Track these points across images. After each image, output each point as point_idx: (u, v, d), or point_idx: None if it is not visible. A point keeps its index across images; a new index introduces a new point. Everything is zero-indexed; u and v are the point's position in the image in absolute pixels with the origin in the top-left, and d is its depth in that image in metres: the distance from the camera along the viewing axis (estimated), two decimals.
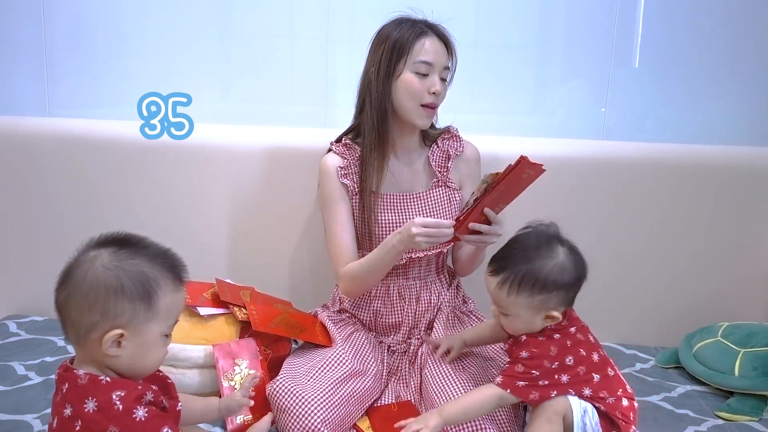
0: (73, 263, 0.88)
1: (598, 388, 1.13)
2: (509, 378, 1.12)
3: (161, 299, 0.88)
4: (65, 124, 1.74)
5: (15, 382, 1.40)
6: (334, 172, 1.43)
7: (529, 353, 1.12)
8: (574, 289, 1.13)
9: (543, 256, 1.10)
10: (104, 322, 0.85)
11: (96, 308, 0.85)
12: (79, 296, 0.85)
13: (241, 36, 1.81)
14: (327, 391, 1.20)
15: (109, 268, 0.86)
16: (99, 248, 0.88)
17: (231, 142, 1.70)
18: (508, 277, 1.10)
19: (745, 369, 1.42)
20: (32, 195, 1.73)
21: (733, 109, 1.79)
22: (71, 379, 0.86)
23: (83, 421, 0.83)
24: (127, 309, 0.85)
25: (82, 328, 0.85)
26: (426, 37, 1.36)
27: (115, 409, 0.83)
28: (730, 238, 1.70)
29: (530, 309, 1.11)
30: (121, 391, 0.84)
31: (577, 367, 1.12)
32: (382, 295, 1.45)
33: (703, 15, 1.75)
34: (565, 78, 1.85)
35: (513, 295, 1.10)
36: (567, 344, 1.13)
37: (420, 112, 1.37)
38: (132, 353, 0.87)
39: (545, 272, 1.09)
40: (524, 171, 1.19)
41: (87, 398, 0.83)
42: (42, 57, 1.79)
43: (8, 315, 1.75)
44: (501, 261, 1.13)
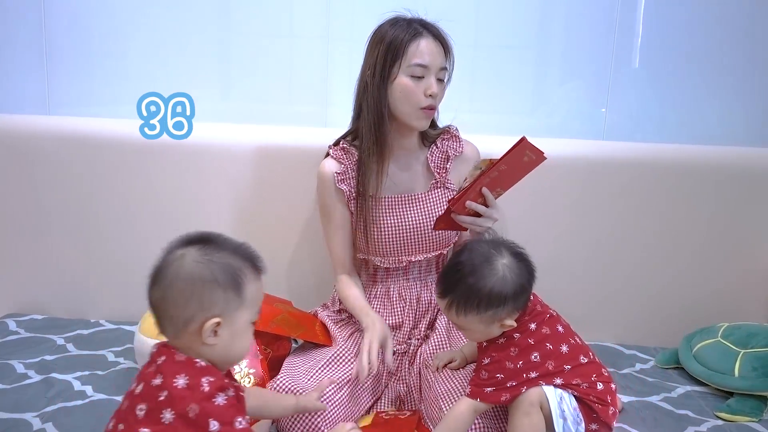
0: (162, 264, 0.93)
1: (570, 377, 1.13)
2: (476, 387, 1.14)
3: (247, 287, 0.93)
4: (65, 123, 1.74)
5: (14, 381, 1.40)
6: (331, 178, 1.42)
7: (489, 358, 1.14)
8: (522, 296, 1.13)
9: (483, 275, 1.11)
10: (201, 313, 0.90)
11: (193, 300, 0.89)
12: (175, 291, 0.90)
13: (241, 35, 1.81)
14: (328, 393, 1.20)
15: (200, 262, 0.91)
16: (183, 247, 0.93)
17: (231, 142, 1.70)
18: (453, 300, 1.13)
19: (745, 369, 1.42)
20: (32, 193, 1.73)
21: (733, 110, 1.80)
22: (169, 354, 0.91)
23: (170, 392, 0.87)
24: (221, 298, 0.90)
25: (180, 321, 0.90)
26: (420, 39, 1.33)
27: (201, 390, 0.87)
28: (730, 238, 1.70)
29: (482, 323, 1.13)
30: (211, 377, 0.89)
31: (545, 362, 1.13)
32: (382, 296, 1.45)
33: (702, 16, 1.75)
34: (565, 78, 1.85)
35: (462, 315, 1.13)
36: (529, 342, 1.14)
37: (418, 115, 1.35)
38: (226, 341, 0.92)
39: (488, 289, 1.10)
40: (525, 153, 1.18)
41: (180, 374, 0.88)
42: (42, 55, 1.79)
43: (8, 313, 1.75)
44: (444, 283, 1.15)
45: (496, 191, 1.26)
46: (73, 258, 1.75)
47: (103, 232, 1.73)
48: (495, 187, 1.25)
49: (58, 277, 1.76)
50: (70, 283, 1.76)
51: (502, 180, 1.24)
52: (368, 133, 1.37)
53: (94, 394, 1.36)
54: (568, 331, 1.18)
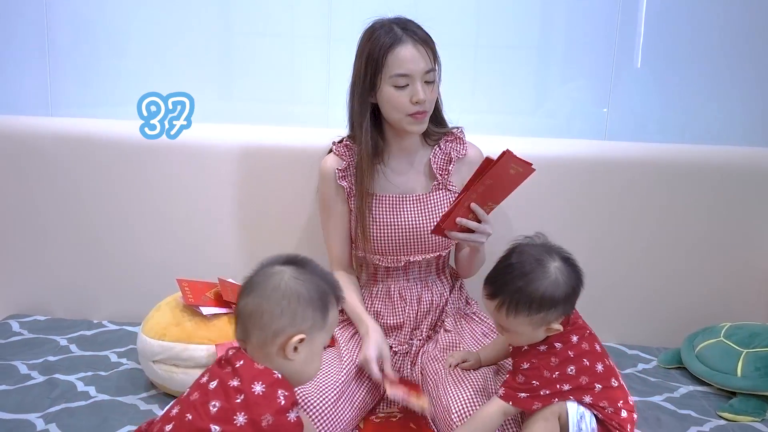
0: (260, 276, 0.98)
1: (599, 398, 1.13)
2: (510, 390, 1.12)
3: (331, 312, 1.00)
4: (68, 124, 1.74)
5: (17, 381, 1.40)
6: (332, 174, 1.43)
7: (529, 364, 1.13)
8: (571, 301, 1.13)
9: (536, 276, 1.10)
10: (291, 327, 0.95)
11: (287, 313, 0.95)
12: (273, 302, 0.95)
13: (242, 36, 1.81)
14: (332, 397, 1.20)
15: (299, 279, 0.97)
16: (282, 265, 0.99)
17: (233, 142, 1.70)
18: (504, 302, 1.11)
19: (747, 369, 1.42)
20: (34, 194, 1.73)
21: (735, 110, 1.79)
22: (248, 360, 0.94)
23: (247, 397, 0.90)
24: (310, 317, 0.96)
25: (270, 331, 0.94)
26: (399, 46, 1.29)
27: (278, 402, 0.91)
28: (733, 238, 1.70)
29: (530, 326, 1.12)
30: (286, 390, 0.93)
31: (580, 377, 1.12)
32: (383, 295, 1.45)
33: (704, 16, 1.75)
34: (567, 78, 1.85)
35: (512, 317, 1.11)
36: (569, 354, 1.13)
37: (408, 121, 1.34)
38: (303, 360, 0.97)
39: (540, 292, 1.09)
40: (510, 166, 1.18)
41: (257, 381, 0.91)
42: (45, 56, 1.79)
43: (11, 314, 1.75)
44: (495, 284, 1.13)
45: (487, 205, 1.25)
46: (76, 259, 1.75)
47: (106, 232, 1.73)
48: (486, 202, 1.24)
49: (61, 278, 1.76)
50: (73, 284, 1.76)
51: (491, 194, 1.23)
52: (359, 139, 1.38)
53: (97, 395, 1.36)
54: (603, 352, 1.17)
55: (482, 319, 1.48)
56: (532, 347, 1.14)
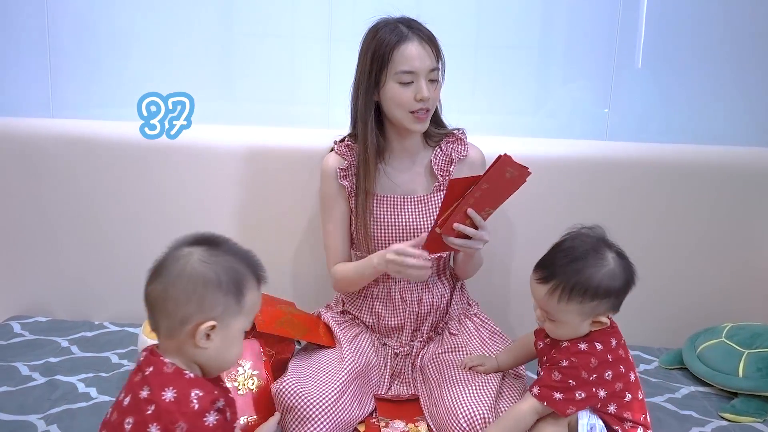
0: (167, 259, 0.91)
1: (624, 408, 1.10)
2: (546, 389, 1.08)
3: (247, 296, 0.93)
4: (68, 125, 1.74)
5: (19, 383, 1.40)
6: (334, 173, 1.43)
7: (568, 362, 1.09)
8: (623, 295, 1.10)
9: (593, 263, 1.08)
10: (199, 314, 0.89)
11: (193, 299, 0.88)
12: (178, 288, 0.89)
13: (242, 36, 1.81)
14: (332, 396, 1.20)
15: (207, 262, 0.90)
16: (191, 246, 0.92)
17: (234, 143, 1.70)
18: (558, 285, 1.07)
19: (749, 370, 1.42)
20: (35, 195, 1.73)
21: (736, 110, 1.79)
22: (157, 364, 0.89)
23: (157, 407, 0.85)
24: (221, 302, 0.90)
25: (177, 319, 0.89)
26: (406, 43, 1.30)
27: (191, 407, 0.86)
28: (734, 238, 1.70)
29: (580, 316, 1.09)
30: (200, 390, 0.88)
31: (615, 383, 1.09)
32: (384, 297, 1.45)
33: (705, 16, 1.75)
34: (568, 78, 1.85)
35: (564, 302, 1.08)
36: (608, 358, 1.10)
37: (410, 119, 1.35)
38: (218, 346, 0.91)
39: (597, 280, 1.07)
40: (506, 170, 1.17)
41: (167, 387, 0.87)
42: (45, 58, 1.79)
43: (12, 316, 1.75)
44: (549, 268, 1.10)
45: (485, 211, 1.24)
46: (77, 260, 1.75)
47: (107, 233, 1.74)
48: (483, 207, 1.23)
49: (62, 279, 1.76)
50: (74, 285, 1.76)
51: (488, 199, 1.22)
52: (362, 138, 1.38)
53: (98, 396, 1.36)
54: (633, 363, 1.15)
55: (484, 321, 1.48)
56: (573, 344, 1.10)
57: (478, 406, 1.17)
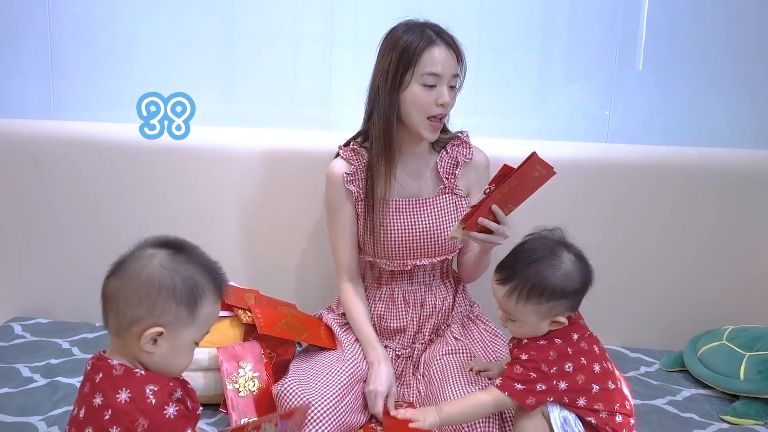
0: (129, 257, 0.91)
1: (594, 400, 1.13)
2: (507, 380, 1.13)
3: (203, 308, 0.92)
4: (70, 127, 1.74)
5: (20, 384, 1.40)
6: (340, 178, 1.42)
7: (528, 356, 1.13)
8: (580, 295, 1.14)
9: (550, 264, 1.11)
10: (148, 318, 0.88)
11: (145, 303, 0.88)
12: (131, 288, 0.88)
13: (244, 38, 1.82)
14: (334, 398, 1.20)
15: (166, 268, 0.89)
16: (156, 248, 0.92)
17: (235, 145, 1.71)
18: (516, 287, 1.12)
19: (750, 372, 1.41)
20: (37, 197, 1.74)
21: (738, 112, 1.79)
22: (106, 368, 0.89)
23: (114, 410, 0.85)
24: (172, 310, 0.89)
25: (126, 319, 0.88)
26: (434, 47, 1.32)
27: (148, 402, 0.85)
28: (736, 240, 1.70)
29: (538, 316, 1.12)
30: (155, 385, 0.87)
31: (576, 375, 1.12)
32: (387, 299, 1.45)
33: (707, 18, 1.75)
34: (569, 80, 1.85)
35: (521, 303, 1.11)
36: (568, 351, 1.13)
37: (426, 125, 1.35)
38: (164, 353, 0.90)
39: (553, 281, 1.10)
40: (535, 168, 1.18)
41: (121, 389, 0.86)
42: (48, 60, 1.80)
43: (13, 317, 1.75)
44: (508, 270, 1.14)
45: (507, 207, 1.25)
46: (79, 261, 1.75)
47: (108, 235, 1.74)
48: (506, 204, 1.24)
49: (63, 281, 1.76)
50: (75, 286, 1.77)
51: (513, 196, 1.23)
52: (378, 138, 1.38)
53: None
54: (602, 355, 1.17)
55: (486, 323, 1.48)
56: (532, 340, 1.15)
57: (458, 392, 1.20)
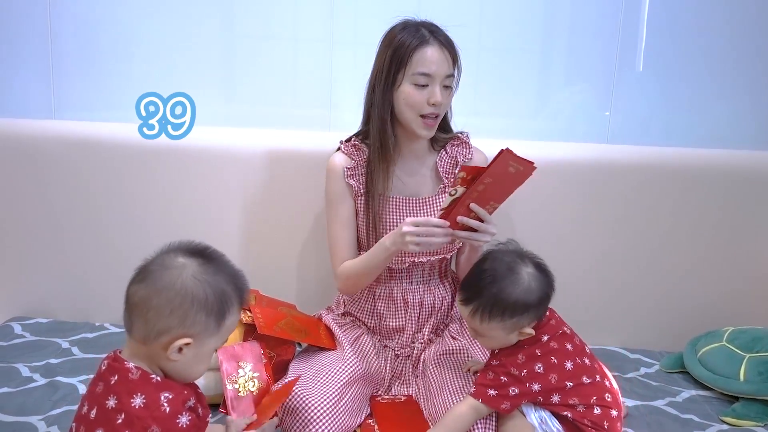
0: (157, 265, 0.90)
1: (568, 395, 1.14)
2: (481, 387, 1.15)
3: (228, 318, 0.93)
4: (70, 127, 1.74)
5: (20, 384, 1.40)
6: (341, 172, 1.43)
7: (498, 360, 1.17)
8: (543, 305, 1.16)
9: (510, 281, 1.13)
10: (179, 329, 0.88)
11: (176, 314, 0.88)
12: (163, 299, 0.88)
13: (244, 39, 1.82)
14: (333, 398, 1.21)
15: (198, 280, 0.90)
16: (186, 257, 0.91)
17: (235, 145, 1.71)
18: (478, 307, 1.14)
19: (750, 374, 1.41)
20: (37, 197, 1.74)
21: (738, 113, 1.79)
22: (122, 371, 0.88)
23: (127, 414, 0.85)
24: (202, 321, 0.90)
25: (156, 328, 0.88)
26: (426, 47, 1.32)
27: (162, 410, 0.86)
28: (736, 242, 1.70)
29: (504, 330, 1.15)
30: (169, 392, 0.87)
31: (548, 375, 1.14)
32: (386, 298, 1.45)
33: (707, 19, 1.75)
34: (569, 81, 1.85)
35: (485, 322, 1.14)
36: (536, 353, 1.15)
37: (419, 123, 1.36)
38: (188, 362, 0.91)
39: (514, 297, 1.12)
40: (509, 164, 1.17)
41: (136, 393, 0.86)
42: (48, 60, 1.80)
43: (13, 317, 1.75)
44: (470, 290, 1.16)
45: (489, 205, 1.25)
46: (78, 261, 1.75)
47: (108, 235, 1.74)
48: (487, 201, 1.24)
49: (63, 281, 1.76)
50: (75, 286, 1.77)
51: (492, 193, 1.22)
52: (374, 137, 1.39)
53: None
54: (577, 350, 1.18)
55: None
56: (501, 350, 1.18)
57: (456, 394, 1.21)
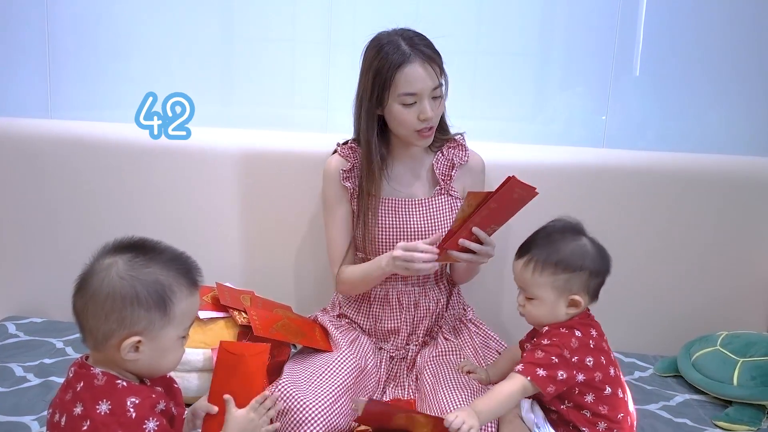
0: (89, 271, 0.89)
1: (602, 401, 1.13)
2: (529, 365, 1.11)
3: (176, 306, 0.90)
4: (66, 126, 1.74)
5: (13, 384, 1.40)
6: (337, 175, 1.43)
7: (550, 341, 1.13)
8: (596, 278, 1.15)
9: (567, 239, 1.15)
10: (121, 330, 0.87)
11: (112, 317, 0.86)
12: (96, 305, 0.87)
13: (243, 40, 1.82)
14: (328, 400, 1.20)
15: (124, 278, 0.87)
16: (115, 255, 0.90)
17: (232, 146, 1.71)
18: (532, 257, 1.15)
19: (743, 378, 1.42)
20: (32, 196, 1.73)
21: (735, 118, 1.80)
22: (87, 378, 0.87)
23: (92, 422, 0.83)
24: (143, 317, 0.87)
25: (99, 334, 0.87)
26: (407, 66, 1.29)
27: (128, 416, 0.84)
28: (730, 247, 1.70)
29: (554, 290, 1.14)
30: (136, 397, 0.86)
31: (595, 372, 1.13)
32: (381, 300, 1.45)
33: (704, 23, 1.76)
34: (566, 85, 1.85)
35: (537, 273, 1.14)
36: (590, 344, 1.14)
37: (416, 136, 1.36)
38: (150, 357, 0.89)
39: (568, 251, 1.13)
40: (514, 191, 1.19)
41: (101, 400, 0.85)
42: (44, 59, 1.79)
43: (7, 316, 1.74)
44: (527, 245, 1.18)
45: (490, 228, 1.27)
46: (73, 261, 1.71)
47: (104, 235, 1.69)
48: (489, 224, 1.26)
49: (58, 280, 1.73)
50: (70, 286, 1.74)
51: (495, 217, 1.24)
52: (364, 152, 1.39)
53: None
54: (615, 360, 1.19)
55: (479, 327, 1.49)
56: (553, 327, 1.15)
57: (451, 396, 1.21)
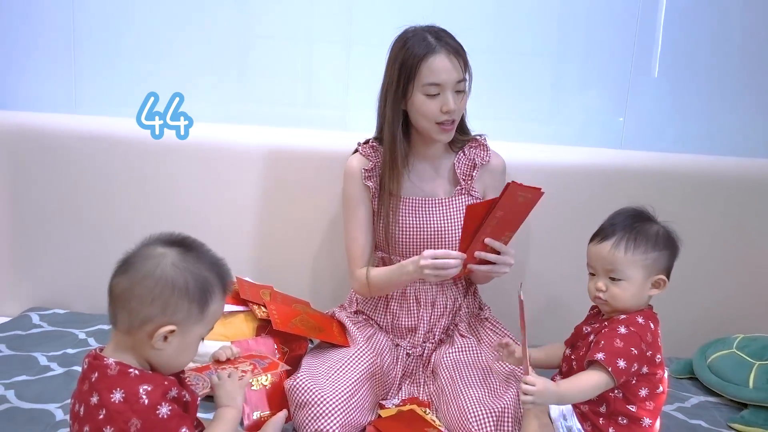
0: (137, 255, 0.92)
1: (652, 398, 1.13)
2: (611, 355, 1.07)
3: (211, 305, 0.94)
4: (91, 122, 1.77)
5: (38, 372, 1.43)
6: (359, 174, 1.44)
7: (627, 330, 1.10)
8: (673, 258, 1.17)
9: (645, 222, 1.16)
10: (162, 316, 0.89)
11: (158, 302, 0.89)
12: (144, 288, 0.89)
13: (262, 39, 1.83)
14: (345, 394, 1.22)
15: (178, 267, 0.91)
16: (165, 247, 0.93)
17: (252, 144, 1.72)
18: (623, 237, 1.14)
19: (759, 381, 1.42)
20: (57, 190, 1.76)
21: (753, 121, 1.79)
22: (101, 368, 0.90)
23: (108, 410, 0.86)
24: (185, 308, 0.91)
25: (139, 318, 0.89)
26: (433, 56, 1.31)
27: (141, 403, 0.86)
28: (748, 250, 1.70)
29: (644, 269, 1.13)
30: (148, 385, 0.88)
31: (657, 370, 1.13)
32: (399, 297, 1.47)
33: (723, 26, 1.75)
34: (584, 86, 1.85)
35: (630, 252, 1.13)
36: (658, 342, 1.13)
37: (437, 129, 1.37)
38: (174, 349, 0.92)
39: (655, 230, 1.15)
40: (517, 195, 1.19)
41: (115, 389, 0.87)
42: (70, 55, 1.82)
43: (31, 307, 1.78)
44: (610, 228, 1.16)
45: (505, 236, 1.27)
46: (96, 254, 1.78)
47: (126, 229, 1.75)
48: (502, 233, 1.26)
49: (81, 273, 1.79)
50: (93, 278, 1.77)
51: (506, 224, 1.24)
52: (386, 150, 1.40)
53: None
54: None
55: (495, 325, 1.49)
56: (630, 316, 1.13)
57: (486, 402, 1.20)
